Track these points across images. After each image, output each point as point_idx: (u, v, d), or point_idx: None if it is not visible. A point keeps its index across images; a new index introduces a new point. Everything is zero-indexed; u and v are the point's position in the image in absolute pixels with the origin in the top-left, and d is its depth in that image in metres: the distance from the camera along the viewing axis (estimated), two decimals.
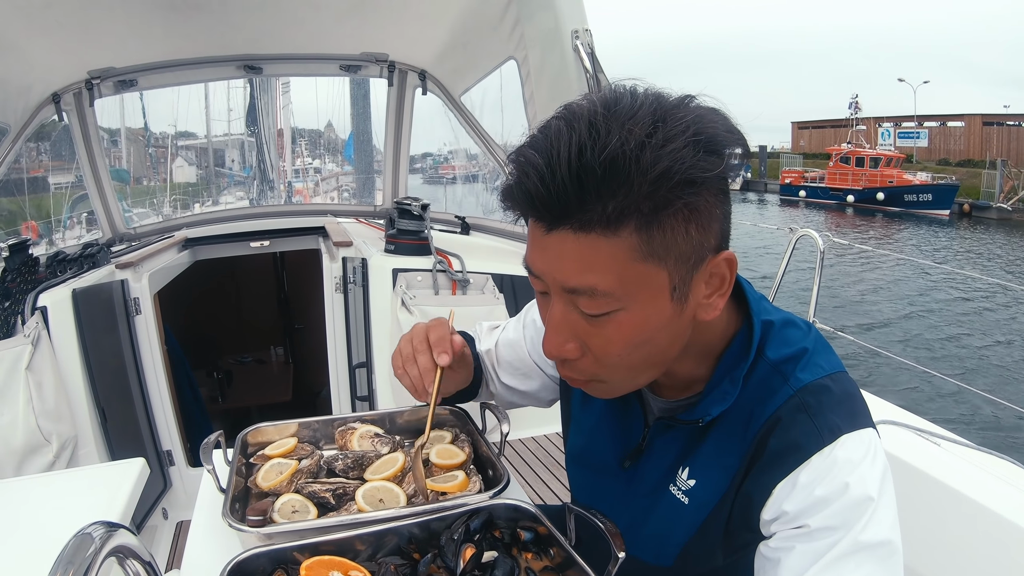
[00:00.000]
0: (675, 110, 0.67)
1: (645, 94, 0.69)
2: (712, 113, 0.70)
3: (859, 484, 0.75)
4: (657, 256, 0.70)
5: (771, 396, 0.81)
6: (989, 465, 1.43)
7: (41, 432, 2.16)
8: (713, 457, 0.86)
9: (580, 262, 0.70)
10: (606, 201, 0.66)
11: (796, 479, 0.76)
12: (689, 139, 0.65)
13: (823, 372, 0.82)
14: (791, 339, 0.85)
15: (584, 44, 2.08)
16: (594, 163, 0.65)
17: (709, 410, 0.84)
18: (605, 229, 0.68)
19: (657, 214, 0.67)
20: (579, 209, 0.67)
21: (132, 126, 5.87)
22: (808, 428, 0.77)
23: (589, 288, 0.71)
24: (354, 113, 6.49)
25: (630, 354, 0.77)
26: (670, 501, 0.90)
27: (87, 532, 0.69)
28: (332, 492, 1.11)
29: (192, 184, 8.29)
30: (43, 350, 2.29)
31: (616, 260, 0.69)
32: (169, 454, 2.95)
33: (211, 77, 3.63)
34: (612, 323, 0.74)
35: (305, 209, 4.66)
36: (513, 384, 1.22)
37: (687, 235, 0.70)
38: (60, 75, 2.92)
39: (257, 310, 5.31)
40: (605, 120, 0.66)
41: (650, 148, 0.64)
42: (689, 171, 0.65)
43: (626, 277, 0.70)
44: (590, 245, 0.69)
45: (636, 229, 0.68)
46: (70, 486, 1.39)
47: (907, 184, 33.08)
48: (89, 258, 2.85)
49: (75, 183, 3.67)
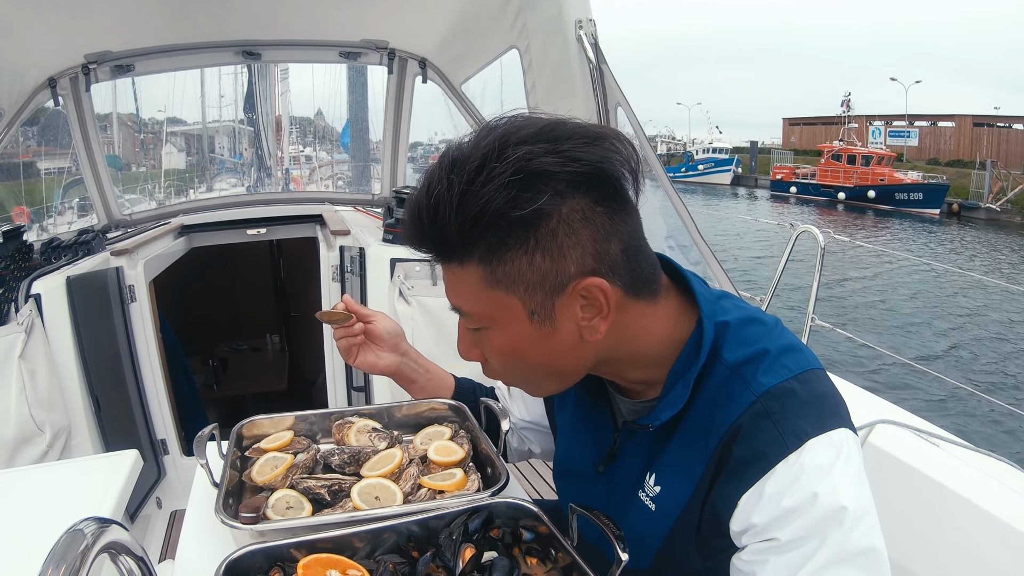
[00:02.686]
0: (513, 148, 0.71)
1: (505, 130, 0.73)
2: (571, 139, 0.73)
3: (829, 493, 0.73)
4: (503, 285, 0.77)
5: (732, 401, 0.79)
6: (986, 466, 1.41)
7: (34, 421, 2.14)
8: (677, 464, 0.85)
9: (450, 287, 0.83)
10: (441, 243, 0.76)
11: (762, 489, 0.75)
12: (507, 179, 0.70)
13: (788, 373, 0.80)
14: (751, 338, 0.84)
15: (588, 35, 2.05)
16: (422, 212, 0.75)
17: (660, 415, 0.84)
18: (457, 263, 0.78)
19: (493, 249, 0.75)
20: (432, 249, 0.79)
21: (124, 112, 5.84)
22: (772, 435, 0.76)
23: (458, 308, 0.84)
24: (351, 101, 6.45)
25: (512, 365, 0.86)
26: (640, 507, 0.90)
27: (78, 528, 0.67)
28: (328, 488, 1.10)
29: (187, 171, 8.25)
30: (36, 338, 2.27)
31: (469, 287, 0.79)
32: (163, 443, 2.94)
33: (209, 63, 3.59)
34: (485, 338, 0.84)
35: (302, 197, 4.63)
36: (525, 416, 1.30)
37: (531, 265, 0.75)
38: (56, 59, 2.88)
39: (253, 298, 5.29)
40: (449, 167, 0.73)
41: (463, 194, 0.71)
42: (501, 212, 0.71)
43: (480, 301, 0.80)
44: (451, 274, 0.81)
45: (479, 262, 0.76)
46: (62, 478, 1.37)
47: (898, 183, 33.19)
48: (84, 245, 2.83)
49: (63, 169, 3.64)
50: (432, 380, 1.35)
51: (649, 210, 0.86)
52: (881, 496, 1.35)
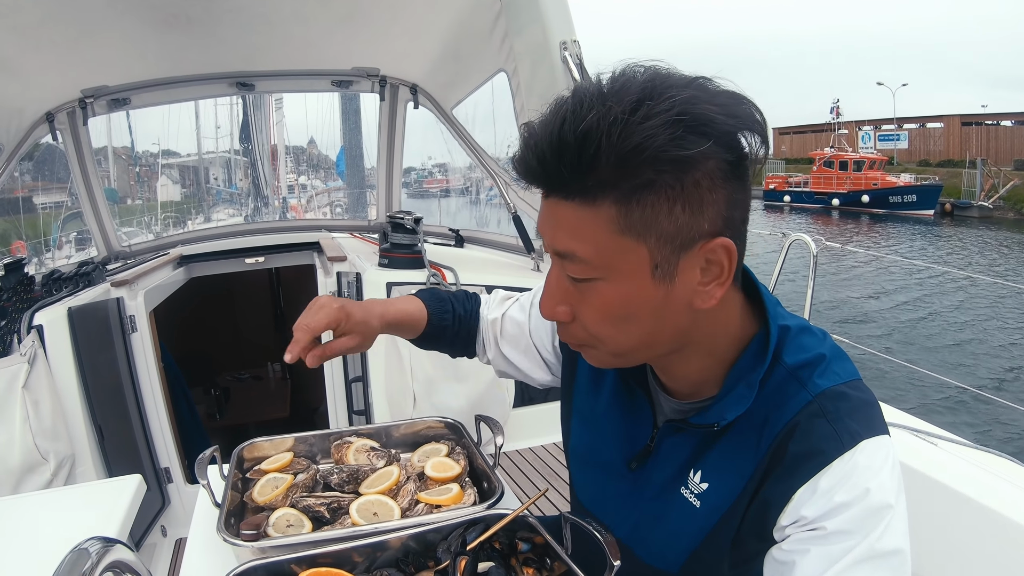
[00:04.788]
0: (671, 89, 0.68)
1: (654, 73, 0.71)
2: (721, 95, 0.71)
3: (879, 490, 0.74)
4: (635, 231, 0.72)
5: (788, 401, 0.80)
6: (986, 463, 1.42)
7: (38, 451, 2.16)
8: (727, 460, 0.84)
9: (564, 228, 0.75)
10: (584, 172, 0.70)
11: (817, 484, 0.76)
12: (671, 117, 0.66)
13: (840, 379, 0.81)
14: (807, 345, 0.84)
15: (572, 55, 2.10)
16: (569, 137, 0.68)
17: (724, 414, 0.82)
18: (585, 199, 0.71)
19: (637, 190, 0.70)
20: (563, 178, 0.72)
21: (118, 145, 5.88)
22: (828, 433, 0.77)
23: (570, 253, 0.75)
24: (345, 128, 6.50)
25: (614, 326, 0.79)
26: (681, 504, 0.88)
27: (83, 547, 0.70)
28: (327, 506, 1.12)
29: (183, 202, 8.30)
30: (39, 369, 2.29)
31: (595, 230, 0.72)
32: (167, 471, 2.94)
33: (204, 94, 3.63)
34: (594, 291, 0.77)
35: (299, 224, 4.66)
36: (512, 357, 1.22)
37: (670, 215, 0.71)
38: (53, 94, 2.92)
39: (253, 326, 5.30)
40: (596, 97, 0.69)
41: (625, 124, 0.66)
42: (663, 148, 0.67)
43: (604, 248, 0.73)
44: (573, 212, 0.73)
45: (614, 202, 0.70)
46: (67, 503, 1.39)
47: (891, 186, 33.13)
48: (84, 276, 2.85)
49: (60, 203, 3.67)
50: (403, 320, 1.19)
51: None
52: None
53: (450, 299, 1.23)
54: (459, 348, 1.26)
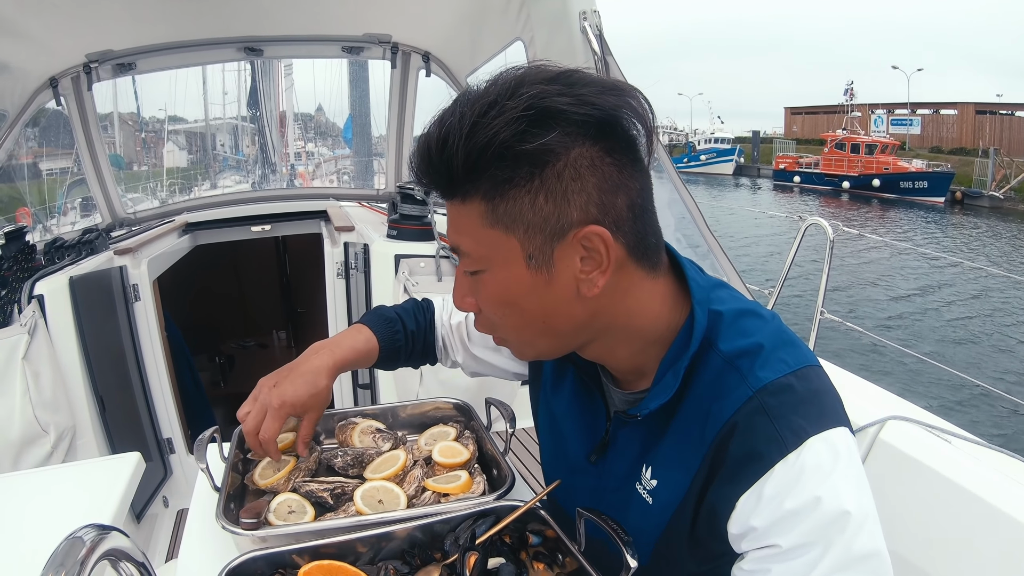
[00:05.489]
0: (528, 86, 0.71)
1: (525, 72, 0.73)
2: (585, 86, 0.72)
3: (832, 497, 0.70)
4: (503, 224, 0.76)
5: (727, 395, 0.76)
6: (1001, 464, 1.38)
7: (39, 423, 2.13)
8: (673, 457, 0.82)
9: (452, 225, 0.82)
10: (449, 174, 0.75)
11: (761, 491, 0.72)
12: (517, 114, 0.69)
13: (786, 368, 0.76)
14: (747, 330, 0.81)
15: (592, 26, 2.02)
16: (431, 143, 0.74)
17: (649, 404, 0.81)
18: (461, 199, 0.77)
19: (498, 185, 0.74)
20: (438, 183, 0.78)
21: (125, 111, 5.82)
22: (769, 433, 0.73)
23: (457, 247, 0.82)
24: (353, 95, 6.42)
25: (505, 314, 0.83)
26: (637, 500, 0.87)
27: (78, 536, 0.66)
28: (330, 492, 1.08)
29: (189, 169, 8.24)
30: (40, 339, 2.26)
31: (470, 224, 0.78)
32: (169, 442, 2.93)
33: (211, 60, 3.56)
34: (481, 283, 0.82)
35: (307, 193, 4.61)
36: (484, 356, 1.24)
37: (533, 206, 0.74)
38: (58, 59, 2.86)
39: (259, 294, 5.28)
40: (462, 103, 0.73)
41: (472, 125, 0.70)
42: (507, 144, 0.70)
43: (479, 240, 0.78)
44: (454, 211, 0.80)
45: (482, 199, 0.75)
46: (64, 482, 1.36)
47: (903, 171, 32.92)
48: (87, 244, 2.82)
49: (65, 170, 3.63)
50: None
51: (657, 204, 0.83)
52: (893, 493, 1.32)
53: (399, 317, 1.24)
54: (417, 361, 1.29)
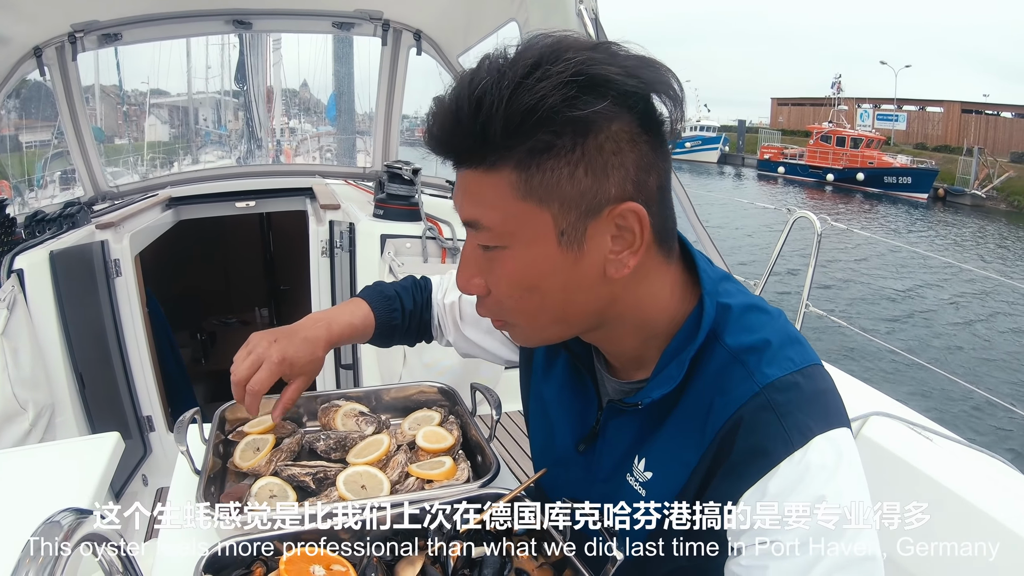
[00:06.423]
0: (570, 51, 0.67)
1: (558, 39, 0.70)
2: (627, 59, 0.70)
3: (835, 496, 0.70)
4: (537, 197, 0.71)
5: (733, 389, 0.75)
6: (980, 463, 1.41)
7: (17, 400, 2.10)
8: (670, 450, 0.81)
9: (471, 196, 0.75)
10: (481, 138, 0.69)
11: (765, 487, 0.72)
12: (566, 78, 0.65)
13: (793, 366, 0.76)
14: (753, 326, 0.79)
15: (588, 9, 2.01)
16: (464, 103, 0.68)
17: (651, 393, 0.79)
18: (488, 166, 0.71)
19: (535, 154, 0.69)
20: (464, 147, 0.72)
21: (106, 83, 5.72)
22: (775, 430, 0.72)
23: (476, 221, 0.75)
24: (337, 72, 6.33)
25: (522, 297, 0.77)
26: (628, 491, 0.85)
27: (55, 520, 0.65)
28: (312, 476, 1.07)
29: (172, 143, 8.12)
30: (19, 315, 2.23)
31: (496, 195, 0.72)
32: (149, 420, 2.91)
33: (199, 31, 3.52)
34: (500, 260, 0.76)
35: (292, 169, 4.57)
36: (475, 338, 1.20)
37: (572, 179, 0.70)
38: (42, 28, 2.80)
39: (242, 271, 5.23)
40: (495, 63, 0.68)
41: (517, 86, 0.66)
42: (556, 110, 0.66)
43: (507, 214, 0.72)
44: (477, 180, 0.73)
45: (514, 167, 0.70)
46: (43, 462, 1.35)
47: (888, 166, 33.00)
48: (69, 218, 2.77)
49: (45, 143, 3.57)
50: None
51: None
52: (873, 489, 1.33)
53: (397, 295, 1.20)
54: (414, 339, 1.26)
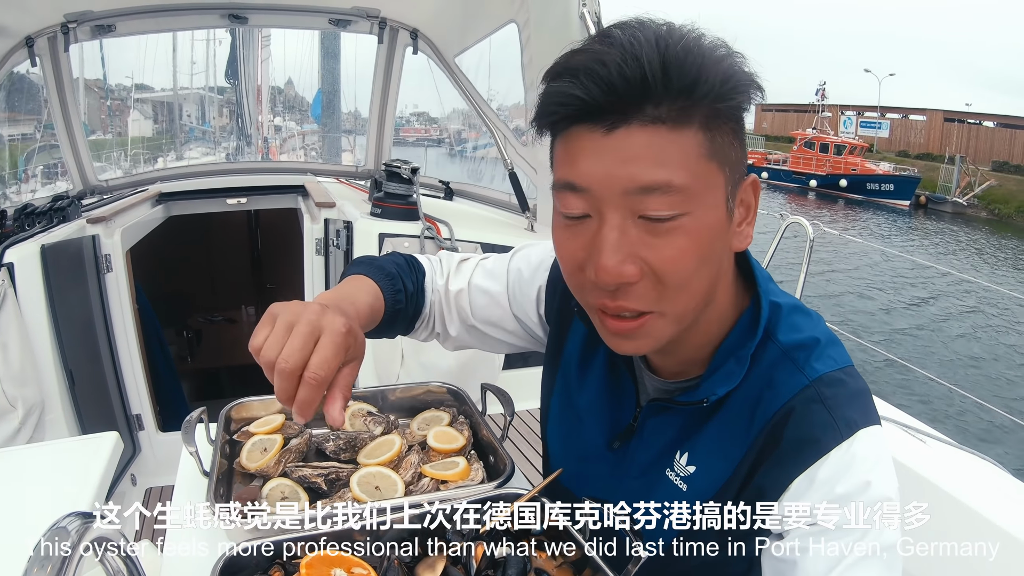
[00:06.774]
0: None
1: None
2: None
3: (880, 483, 0.72)
4: (719, 158, 0.69)
5: (783, 383, 0.77)
6: (972, 466, 1.44)
7: (6, 397, 2.06)
8: (715, 443, 0.81)
9: (651, 157, 0.66)
10: (678, 93, 0.65)
11: (815, 474, 0.73)
12: (737, 56, 0.69)
13: (837, 364, 0.78)
14: (801, 325, 0.81)
15: (591, 12, 2.00)
16: (675, 50, 0.65)
17: (715, 389, 0.79)
18: (674, 124, 0.66)
19: (720, 116, 0.68)
20: (650, 102, 0.65)
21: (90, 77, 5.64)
22: (825, 420, 0.74)
23: (663, 183, 0.66)
24: (323, 70, 6.29)
25: (697, 271, 0.70)
26: (666, 486, 0.85)
27: (62, 526, 0.63)
28: (324, 477, 1.05)
29: (158, 139, 8.02)
30: (9, 310, 2.18)
31: (686, 155, 0.67)
32: (138, 418, 2.86)
33: (193, 25, 3.48)
34: (676, 231, 0.68)
35: (283, 167, 4.53)
36: (486, 330, 1.08)
37: (733, 145, 0.70)
38: (35, 17, 2.76)
39: (230, 269, 5.18)
40: (667, 27, 0.68)
41: (730, 54, 0.68)
42: (749, 78, 0.69)
43: (697, 173, 0.67)
44: (660, 139, 0.66)
45: (701, 127, 0.67)
46: (41, 463, 1.32)
47: (870, 173, 33.36)
48: (59, 212, 2.72)
49: (26, 136, 3.51)
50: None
51: None
52: None
53: (399, 273, 1.00)
54: (401, 330, 1.06)
